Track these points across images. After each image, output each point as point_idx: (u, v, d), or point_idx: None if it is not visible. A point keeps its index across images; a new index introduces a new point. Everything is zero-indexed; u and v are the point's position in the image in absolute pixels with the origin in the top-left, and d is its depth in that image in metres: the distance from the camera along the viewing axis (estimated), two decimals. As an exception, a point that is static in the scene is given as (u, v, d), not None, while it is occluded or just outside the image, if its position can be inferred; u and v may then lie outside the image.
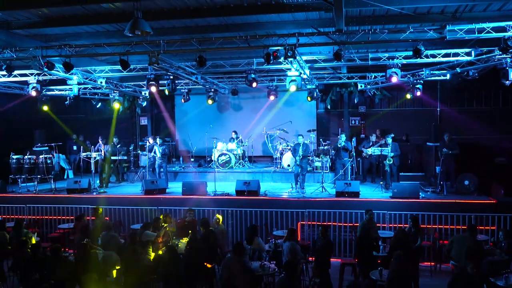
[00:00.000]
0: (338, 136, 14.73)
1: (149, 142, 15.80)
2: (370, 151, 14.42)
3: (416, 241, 9.35)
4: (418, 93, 14.01)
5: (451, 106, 17.47)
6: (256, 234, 9.39)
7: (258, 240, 9.31)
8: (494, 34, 9.42)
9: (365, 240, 9.04)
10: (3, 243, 9.76)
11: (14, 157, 14.93)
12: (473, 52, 11.58)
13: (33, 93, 13.60)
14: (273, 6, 9.99)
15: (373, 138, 15.32)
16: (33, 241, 9.78)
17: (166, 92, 13.89)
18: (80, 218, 10.91)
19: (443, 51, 11.88)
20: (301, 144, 13.51)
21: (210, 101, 17.29)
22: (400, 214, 11.42)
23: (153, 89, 13.66)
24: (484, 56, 11.41)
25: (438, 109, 17.55)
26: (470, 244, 8.61)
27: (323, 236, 8.94)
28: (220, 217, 10.62)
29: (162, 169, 15.16)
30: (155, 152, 15.09)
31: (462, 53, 11.83)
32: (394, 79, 12.18)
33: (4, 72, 11.81)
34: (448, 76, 13.90)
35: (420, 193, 12.40)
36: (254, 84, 13.03)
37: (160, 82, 13.82)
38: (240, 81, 16.35)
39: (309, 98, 15.72)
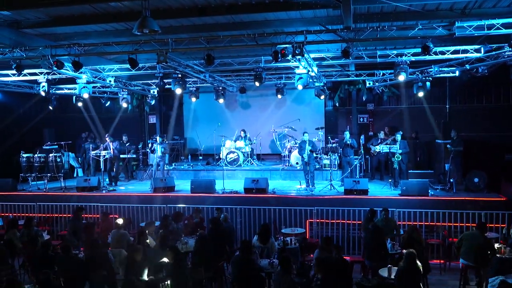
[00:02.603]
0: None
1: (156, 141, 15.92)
2: (378, 148, 14.39)
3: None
4: (423, 93, 13.95)
5: (460, 103, 17.37)
6: (270, 234, 9.41)
7: (272, 240, 9.32)
8: (503, 31, 9.36)
9: (374, 237, 9.02)
10: (14, 241, 9.86)
11: (24, 155, 15.06)
12: (482, 48, 11.50)
13: (43, 92, 13.70)
14: (281, 4, 9.96)
15: (381, 135, 15.28)
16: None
17: (178, 92, 13.94)
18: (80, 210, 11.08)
19: (452, 48, 11.83)
20: (307, 142, 13.51)
21: (221, 100, 17.31)
22: (409, 212, 11.39)
23: (158, 88, 13.75)
24: (494, 52, 11.32)
25: (447, 106, 17.45)
26: (479, 242, 8.59)
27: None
28: (227, 215, 10.68)
29: (159, 167, 15.26)
30: (155, 151, 15.22)
31: (471, 49, 11.75)
32: (401, 77, 12.14)
33: (14, 71, 11.92)
34: (457, 73, 13.82)
35: (429, 191, 12.37)
36: (257, 84, 13.06)
37: (168, 80, 13.88)
38: (248, 79, 16.36)
39: (321, 97, 15.72)
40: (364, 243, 9.80)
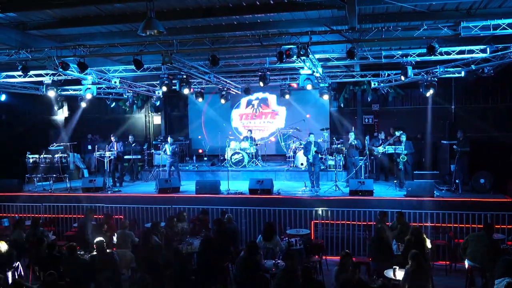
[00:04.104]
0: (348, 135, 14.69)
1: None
2: (381, 149, 14.33)
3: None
4: (432, 91, 13.88)
5: (466, 104, 17.29)
6: (274, 232, 9.40)
7: (277, 238, 9.32)
8: (509, 31, 9.29)
9: (380, 239, 8.99)
10: (20, 241, 9.90)
11: (30, 156, 15.13)
12: (488, 49, 11.44)
13: (49, 93, 13.76)
14: (285, 4, 9.96)
15: (381, 136, 15.23)
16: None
17: (185, 92, 13.99)
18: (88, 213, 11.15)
19: (458, 48, 11.78)
20: (313, 143, 13.49)
21: (223, 101, 17.37)
22: (414, 213, 11.35)
23: (164, 89, 13.80)
24: (500, 53, 11.26)
25: (453, 106, 17.38)
26: (486, 243, 8.53)
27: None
28: (230, 215, 10.69)
29: (173, 168, 15.27)
30: (165, 151, 15.25)
31: (477, 50, 11.70)
32: (403, 77, 12.13)
33: (20, 73, 11.98)
34: (462, 74, 13.76)
35: (434, 192, 12.31)
36: (262, 84, 13.07)
37: (173, 81, 13.92)
38: (253, 80, 16.37)
39: (325, 97, 15.74)
40: (369, 245, 9.76)
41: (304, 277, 6.96)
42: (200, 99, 17.22)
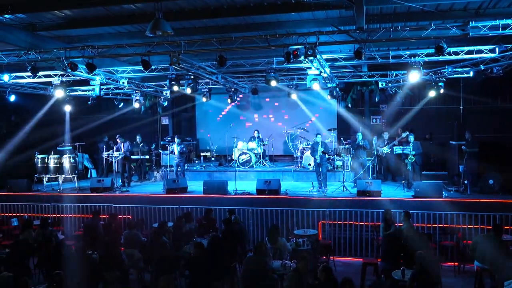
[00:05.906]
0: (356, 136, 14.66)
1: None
2: (385, 149, 14.27)
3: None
4: (441, 91, 13.80)
5: (474, 104, 17.17)
6: (279, 234, 9.40)
7: (282, 240, 9.31)
8: (519, 30, 9.24)
9: (392, 241, 8.96)
10: (29, 241, 9.97)
11: (39, 156, 15.22)
12: (497, 48, 11.36)
13: (57, 94, 13.84)
14: (293, 5, 9.96)
15: (385, 136, 15.18)
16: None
17: (188, 92, 14.02)
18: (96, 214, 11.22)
19: (466, 48, 11.70)
20: (320, 143, 13.47)
21: (229, 100, 17.41)
22: (422, 214, 11.30)
23: (175, 88, 13.86)
24: (509, 52, 11.19)
25: (461, 107, 17.28)
26: (495, 245, 8.48)
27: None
28: (237, 216, 10.70)
29: (179, 168, 15.31)
30: (172, 151, 15.27)
31: (486, 50, 11.62)
32: (414, 78, 12.07)
33: (29, 73, 12.08)
34: (471, 74, 13.67)
35: (443, 192, 12.25)
36: (274, 83, 13.05)
37: (181, 82, 13.95)
38: (261, 80, 16.37)
39: (329, 97, 15.70)
40: (381, 246, 9.70)
41: (325, 276, 6.94)
42: (207, 99, 17.26)
